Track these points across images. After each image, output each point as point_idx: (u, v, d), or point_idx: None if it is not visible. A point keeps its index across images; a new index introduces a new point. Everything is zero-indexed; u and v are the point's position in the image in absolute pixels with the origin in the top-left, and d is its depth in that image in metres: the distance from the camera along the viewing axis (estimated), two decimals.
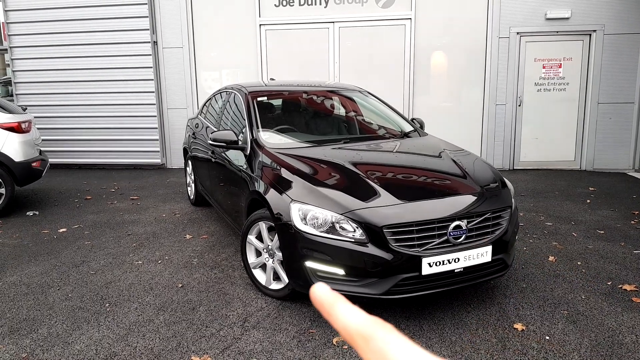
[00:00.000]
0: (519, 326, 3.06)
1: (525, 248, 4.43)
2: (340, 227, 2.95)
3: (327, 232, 2.96)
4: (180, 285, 3.74)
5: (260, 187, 3.48)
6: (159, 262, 4.24)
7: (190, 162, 5.96)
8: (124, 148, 8.80)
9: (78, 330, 3.10)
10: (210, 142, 4.07)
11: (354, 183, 3.23)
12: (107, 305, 3.44)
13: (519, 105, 7.98)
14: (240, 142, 4.02)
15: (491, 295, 3.51)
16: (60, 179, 7.95)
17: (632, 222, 5.21)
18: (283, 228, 3.13)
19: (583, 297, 3.47)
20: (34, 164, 5.93)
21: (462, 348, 2.84)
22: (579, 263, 4.09)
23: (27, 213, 5.87)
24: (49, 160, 6.56)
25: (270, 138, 4.02)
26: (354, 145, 4.03)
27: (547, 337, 2.94)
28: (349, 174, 3.34)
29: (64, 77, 8.66)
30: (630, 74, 7.66)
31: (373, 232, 2.87)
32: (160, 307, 3.39)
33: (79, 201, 6.47)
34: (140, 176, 8.16)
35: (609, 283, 3.69)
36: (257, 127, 4.06)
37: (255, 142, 3.91)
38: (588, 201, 6.09)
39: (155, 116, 8.64)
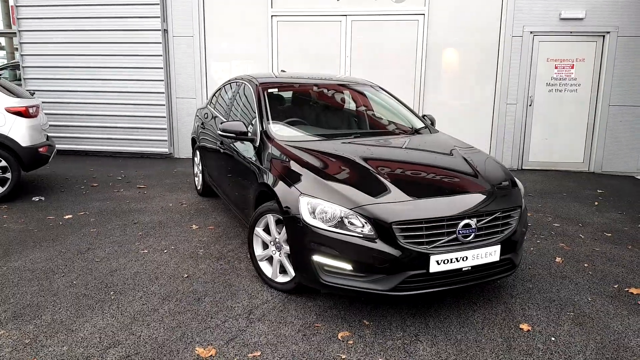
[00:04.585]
0: (524, 326, 3.04)
1: (532, 248, 4.40)
2: (349, 222, 2.92)
3: (335, 226, 2.94)
4: (185, 275, 3.73)
5: (269, 179, 3.46)
6: (165, 251, 4.23)
7: (198, 152, 5.94)
8: (132, 136, 8.80)
9: (82, 317, 3.10)
10: (220, 132, 4.05)
11: (364, 178, 3.21)
12: (112, 293, 3.44)
13: (530, 105, 7.91)
14: (249, 134, 4.00)
15: (497, 294, 3.48)
16: (67, 165, 7.95)
17: None
18: (291, 221, 3.11)
19: (589, 299, 3.45)
20: (40, 149, 5.93)
21: (467, 347, 2.82)
22: (585, 265, 4.05)
23: (33, 198, 5.88)
24: (56, 146, 6.55)
25: (280, 130, 3.99)
26: (364, 140, 4.00)
27: (553, 339, 2.92)
28: (359, 169, 3.32)
29: (73, 62, 8.66)
30: None
31: (382, 228, 2.84)
32: (165, 296, 3.39)
33: (85, 188, 6.47)
34: (148, 165, 8.16)
35: (616, 286, 3.66)
36: (267, 119, 4.04)
37: (265, 134, 3.89)
38: (596, 203, 6.04)
39: (164, 105, 8.63)
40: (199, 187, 6.09)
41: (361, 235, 2.88)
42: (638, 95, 7.64)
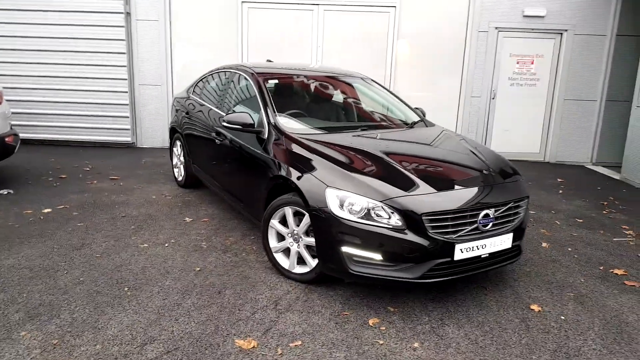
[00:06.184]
0: (535, 307, 3.28)
1: None
2: (375, 214, 3.01)
3: (362, 218, 3.02)
4: (197, 269, 3.68)
5: (286, 172, 3.47)
6: (166, 245, 4.14)
7: (179, 143, 5.78)
8: (92, 124, 8.38)
9: (104, 315, 3.00)
10: (225, 124, 3.99)
11: (388, 171, 3.29)
12: (127, 289, 3.34)
13: (493, 99, 8.32)
14: (256, 126, 3.97)
15: (502, 278, 3.72)
16: (23, 155, 7.45)
17: (604, 212, 5.63)
18: (317, 213, 3.15)
19: (582, 280, 3.76)
20: (7, 139, 5.55)
21: (491, 328, 3.01)
22: (569, 249, 4.39)
23: (1, 192, 5.50)
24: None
25: (288, 123, 4.00)
26: (371, 132, 4.08)
27: (563, 317, 3.17)
28: (380, 162, 3.39)
29: (27, 44, 8.08)
30: (595, 74, 8.17)
31: (412, 220, 2.96)
32: (183, 291, 3.34)
33: (54, 180, 6.13)
34: (112, 155, 7.83)
35: (601, 268, 4.01)
36: (274, 111, 4.02)
37: (274, 126, 3.88)
38: (560, 191, 6.50)
39: (127, 92, 8.28)
40: (180, 179, 5.94)
41: (390, 227, 2.98)
42: (590, 91, 8.25)
